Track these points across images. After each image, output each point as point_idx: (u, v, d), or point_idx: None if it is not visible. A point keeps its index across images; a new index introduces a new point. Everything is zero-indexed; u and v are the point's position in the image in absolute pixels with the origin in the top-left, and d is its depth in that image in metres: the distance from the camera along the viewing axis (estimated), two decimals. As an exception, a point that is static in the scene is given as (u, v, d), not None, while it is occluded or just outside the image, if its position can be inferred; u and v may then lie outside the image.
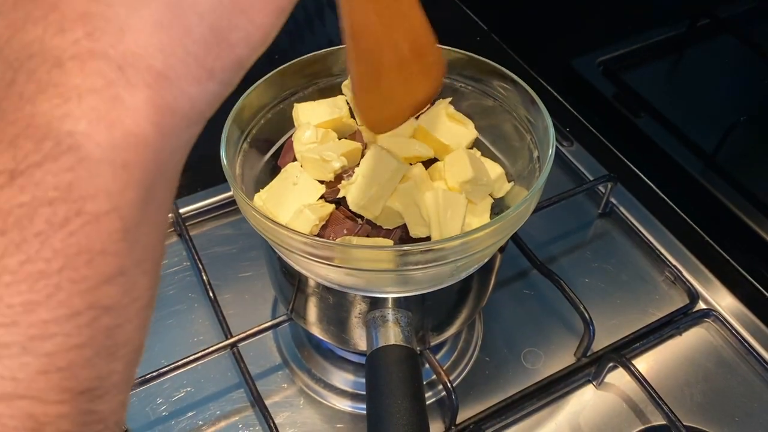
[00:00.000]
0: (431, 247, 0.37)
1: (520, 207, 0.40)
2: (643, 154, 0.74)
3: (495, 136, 0.51)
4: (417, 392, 0.40)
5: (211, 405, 0.54)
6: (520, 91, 0.48)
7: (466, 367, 0.57)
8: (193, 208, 0.66)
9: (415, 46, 0.39)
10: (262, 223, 0.39)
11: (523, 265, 0.63)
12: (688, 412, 0.54)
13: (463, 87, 0.51)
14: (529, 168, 0.48)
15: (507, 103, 0.49)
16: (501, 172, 0.48)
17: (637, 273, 0.64)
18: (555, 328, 0.60)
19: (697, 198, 0.70)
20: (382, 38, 0.37)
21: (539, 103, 0.45)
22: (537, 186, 0.41)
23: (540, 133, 0.46)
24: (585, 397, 0.56)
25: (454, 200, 0.41)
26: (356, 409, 0.54)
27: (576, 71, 0.82)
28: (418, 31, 0.39)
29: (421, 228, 0.43)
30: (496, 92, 0.50)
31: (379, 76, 0.39)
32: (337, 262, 0.38)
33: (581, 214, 0.69)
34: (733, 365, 0.58)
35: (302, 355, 0.57)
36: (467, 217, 0.42)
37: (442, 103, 0.48)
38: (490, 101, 0.50)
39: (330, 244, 0.38)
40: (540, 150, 0.46)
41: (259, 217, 0.39)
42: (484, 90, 0.51)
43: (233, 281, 0.62)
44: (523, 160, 0.49)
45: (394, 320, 0.44)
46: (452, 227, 0.41)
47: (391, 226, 0.43)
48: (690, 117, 0.77)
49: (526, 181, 0.48)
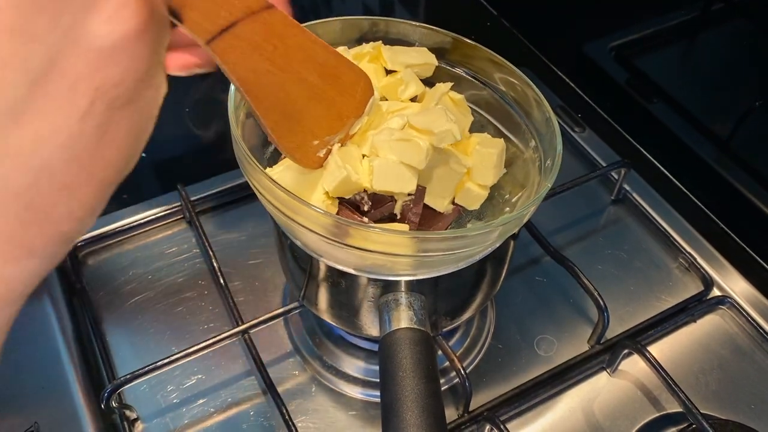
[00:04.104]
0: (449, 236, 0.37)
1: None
2: (656, 140, 0.74)
3: (484, 122, 0.51)
4: (432, 375, 0.40)
5: (222, 392, 0.54)
6: (523, 83, 0.47)
7: (478, 355, 0.57)
8: (203, 194, 0.65)
9: (323, 71, 0.37)
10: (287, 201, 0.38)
11: (536, 252, 0.63)
12: (702, 399, 0.54)
13: (467, 77, 0.50)
14: (537, 156, 0.47)
15: (500, 91, 0.49)
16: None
17: (650, 259, 0.64)
18: (568, 315, 0.59)
19: (711, 184, 0.69)
20: (283, 81, 0.35)
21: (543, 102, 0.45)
22: (553, 173, 0.41)
23: (543, 127, 0.45)
24: (599, 384, 0.55)
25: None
26: (368, 396, 0.54)
27: (588, 56, 0.81)
28: (320, 56, 0.37)
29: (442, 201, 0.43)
30: (489, 79, 0.49)
31: (295, 116, 0.37)
32: (354, 242, 0.38)
33: (594, 201, 0.69)
34: (749, 352, 0.57)
35: (313, 343, 0.57)
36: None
37: (446, 86, 0.47)
38: (485, 89, 0.50)
39: (351, 223, 0.37)
40: (546, 143, 0.45)
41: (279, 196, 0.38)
42: (476, 77, 0.50)
43: (243, 268, 0.62)
44: (517, 146, 0.48)
45: (407, 303, 0.43)
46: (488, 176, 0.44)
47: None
48: (704, 102, 0.76)
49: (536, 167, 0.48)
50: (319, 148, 0.39)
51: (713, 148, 0.71)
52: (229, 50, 0.31)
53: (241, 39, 0.32)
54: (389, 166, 0.40)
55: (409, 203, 0.43)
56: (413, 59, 0.48)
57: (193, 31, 0.29)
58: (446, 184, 0.45)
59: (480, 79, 0.50)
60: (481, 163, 0.45)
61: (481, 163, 0.45)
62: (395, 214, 0.44)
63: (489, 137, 0.47)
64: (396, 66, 0.47)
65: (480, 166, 0.45)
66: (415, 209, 0.43)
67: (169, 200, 0.65)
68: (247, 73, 0.33)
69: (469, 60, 0.50)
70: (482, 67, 0.49)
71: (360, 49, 0.48)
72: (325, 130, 0.39)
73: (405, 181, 0.41)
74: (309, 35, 0.36)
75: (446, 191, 0.45)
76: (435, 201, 0.45)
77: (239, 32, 0.31)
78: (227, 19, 0.30)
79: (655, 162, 0.72)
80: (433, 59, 0.49)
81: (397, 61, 0.47)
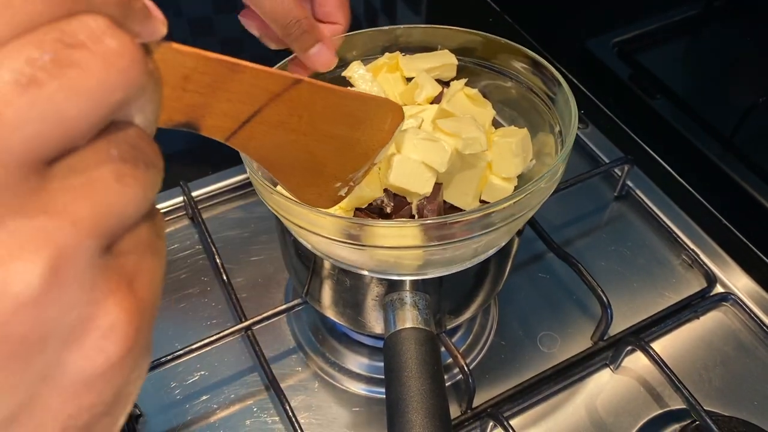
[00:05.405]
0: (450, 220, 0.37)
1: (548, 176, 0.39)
2: (659, 137, 0.73)
3: (513, 115, 0.50)
4: (436, 374, 0.40)
5: (225, 388, 0.54)
6: (538, 69, 0.47)
7: (481, 351, 0.57)
8: (205, 191, 0.65)
9: (352, 121, 0.34)
10: (284, 205, 0.38)
11: (539, 249, 0.63)
12: (706, 396, 0.54)
13: (479, 68, 0.50)
14: (549, 150, 0.47)
15: (525, 82, 0.49)
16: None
17: (653, 256, 0.64)
18: (571, 311, 0.59)
19: (714, 180, 0.69)
20: (306, 143, 0.31)
21: (560, 79, 0.45)
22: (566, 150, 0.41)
23: (561, 106, 0.45)
24: (602, 380, 0.55)
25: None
26: (371, 393, 0.54)
27: (591, 52, 0.81)
28: (349, 108, 0.33)
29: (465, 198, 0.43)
30: (514, 72, 0.49)
31: (317, 169, 0.34)
32: (363, 241, 0.37)
33: (597, 197, 0.69)
34: (752, 349, 0.57)
35: (316, 339, 0.57)
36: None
37: (459, 83, 0.47)
38: (508, 81, 0.50)
39: (357, 222, 0.37)
40: (562, 124, 0.45)
41: (279, 200, 0.38)
42: (501, 70, 0.50)
43: (246, 265, 0.62)
44: (543, 137, 0.48)
45: (412, 303, 0.43)
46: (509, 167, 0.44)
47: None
48: (707, 98, 0.76)
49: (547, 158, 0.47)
50: (341, 189, 0.37)
51: (716, 145, 0.71)
52: (249, 139, 0.28)
53: (264, 123, 0.28)
54: (409, 163, 0.40)
55: (424, 201, 0.43)
56: (431, 63, 0.48)
57: (212, 135, 0.26)
58: (468, 180, 0.44)
59: (506, 73, 0.50)
60: (500, 154, 0.44)
61: (500, 154, 0.44)
62: (413, 215, 0.43)
63: (511, 128, 0.47)
64: (413, 73, 0.47)
65: (499, 158, 0.44)
66: (430, 207, 0.42)
67: (171, 197, 0.65)
68: (268, 152, 0.30)
69: (494, 56, 0.50)
70: (507, 61, 0.49)
71: (376, 63, 0.49)
72: (350, 171, 0.36)
73: (423, 182, 0.40)
74: (337, 92, 0.32)
75: (469, 188, 0.44)
76: (458, 199, 0.44)
77: (261, 118, 0.28)
78: (248, 113, 0.27)
79: (658, 158, 0.71)
80: (453, 59, 0.49)
81: (413, 67, 0.47)
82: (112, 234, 0.17)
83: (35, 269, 0.15)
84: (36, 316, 0.16)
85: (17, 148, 0.15)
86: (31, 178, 0.16)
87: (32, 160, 0.15)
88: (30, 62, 0.15)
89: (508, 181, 0.45)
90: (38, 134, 0.15)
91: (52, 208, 0.16)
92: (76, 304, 0.16)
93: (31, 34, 0.15)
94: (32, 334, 0.16)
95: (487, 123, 0.46)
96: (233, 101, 0.25)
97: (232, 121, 0.26)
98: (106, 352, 0.17)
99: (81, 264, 0.16)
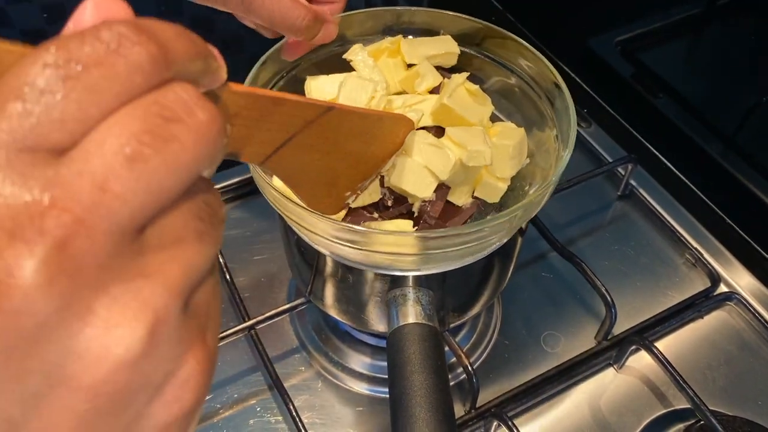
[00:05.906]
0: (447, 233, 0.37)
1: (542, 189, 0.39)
2: (662, 136, 0.73)
3: (511, 108, 0.50)
4: (440, 370, 0.40)
5: (228, 388, 0.54)
6: (539, 66, 0.47)
7: (485, 351, 0.56)
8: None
9: (369, 138, 0.35)
10: (286, 205, 0.38)
11: (542, 248, 0.62)
12: (710, 396, 0.53)
13: (480, 57, 0.50)
14: (546, 146, 0.47)
15: (526, 78, 0.48)
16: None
17: (657, 255, 0.64)
18: (574, 311, 0.59)
19: (717, 179, 0.69)
20: (327, 161, 0.33)
21: (560, 83, 0.44)
22: (562, 164, 0.40)
23: (560, 109, 0.45)
24: (606, 380, 0.55)
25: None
26: (374, 392, 0.54)
27: (593, 51, 0.80)
28: (368, 127, 0.34)
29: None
30: (516, 66, 0.49)
31: (332, 182, 0.35)
32: (362, 246, 0.38)
33: (600, 197, 0.68)
34: (756, 348, 0.57)
35: (320, 338, 0.57)
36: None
37: (461, 77, 0.47)
38: (509, 73, 0.49)
39: (355, 229, 0.37)
40: (560, 130, 0.45)
41: (280, 199, 0.38)
42: (502, 62, 0.49)
43: (248, 264, 0.61)
44: (541, 133, 0.48)
45: (415, 299, 0.43)
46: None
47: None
48: (710, 97, 0.76)
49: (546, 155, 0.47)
50: (350, 197, 0.39)
51: (719, 144, 0.71)
52: (280, 161, 0.29)
53: (295, 147, 0.29)
54: (412, 166, 0.40)
55: (428, 204, 0.43)
56: (433, 50, 0.47)
57: (248, 161, 0.28)
58: (464, 179, 0.44)
59: (507, 66, 0.49)
60: (498, 156, 0.44)
61: (497, 155, 0.44)
62: (413, 211, 0.44)
63: (511, 127, 0.46)
64: (415, 59, 0.47)
65: (497, 159, 0.44)
66: (432, 211, 0.42)
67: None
68: (294, 171, 0.31)
69: (497, 47, 0.49)
70: (509, 54, 0.49)
71: (378, 45, 0.48)
72: (360, 180, 0.38)
73: (423, 186, 0.41)
74: (360, 114, 0.34)
75: (464, 185, 0.44)
76: (453, 195, 0.45)
77: (294, 143, 0.29)
78: (283, 140, 0.28)
79: (661, 157, 0.71)
80: (455, 47, 0.48)
81: (415, 53, 0.47)
82: (192, 290, 0.18)
83: (135, 334, 0.16)
84: (132, 374, 0.17)
85: (125, 222, 0.16)
86: (132, 245, 0.17)
87: (134, 228, 0.16)
88: (135, 136, 0.16)
89: (503, 180, 0.46)
90: (143, 206, 0.16)
91: (148, 271, 0.17)
92: (167, 361, 0.17)
93: (133, 107, 0.16)
94: (127, 389, 0.17)
95: (486, 119, 0.46)
96: (272, 130, 0.27)
97: (269, 147, 0.28)
98: (182, 401, 0.18)
99: (172, 324, 0.17)
